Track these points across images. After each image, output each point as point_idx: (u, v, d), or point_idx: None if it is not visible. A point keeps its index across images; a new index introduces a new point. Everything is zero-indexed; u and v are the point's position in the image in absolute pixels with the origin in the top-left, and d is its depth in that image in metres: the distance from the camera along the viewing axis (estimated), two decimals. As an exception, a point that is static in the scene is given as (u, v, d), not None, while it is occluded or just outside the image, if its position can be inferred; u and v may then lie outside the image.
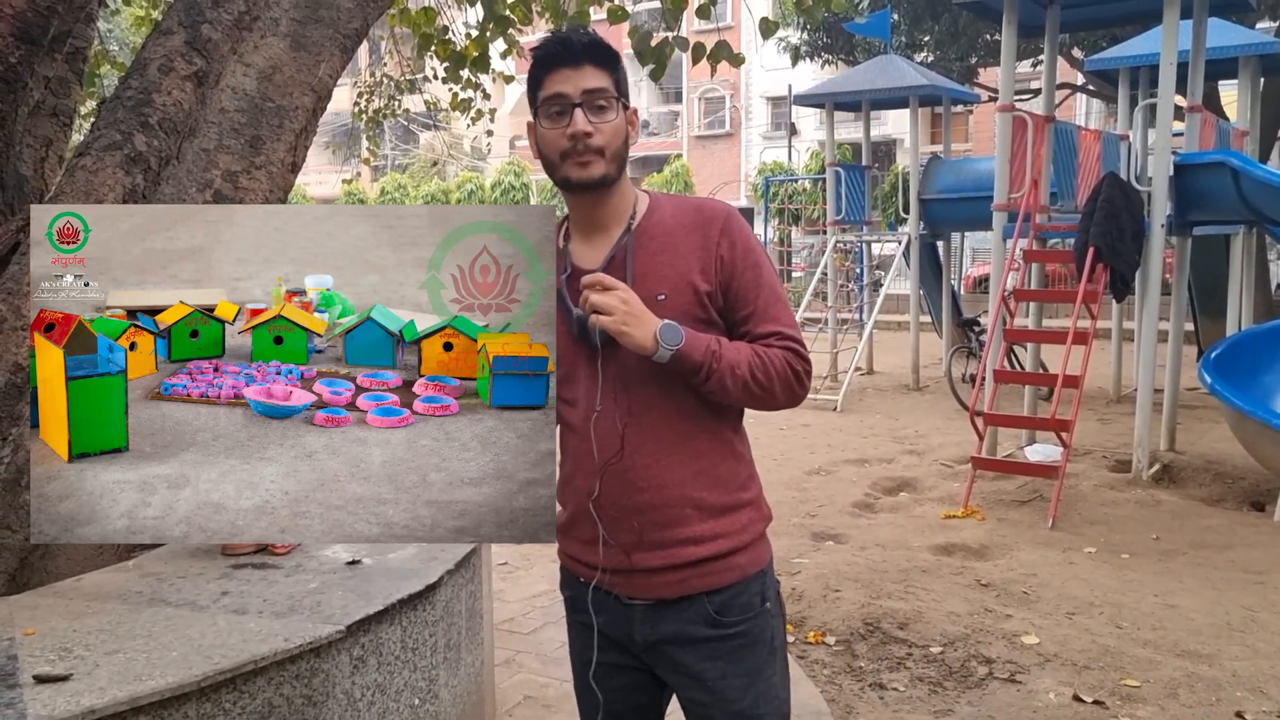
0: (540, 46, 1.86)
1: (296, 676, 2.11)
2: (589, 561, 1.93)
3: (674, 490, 1.86)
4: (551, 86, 1.82)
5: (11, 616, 2.24)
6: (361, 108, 9.71)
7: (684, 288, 1.85)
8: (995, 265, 8.29)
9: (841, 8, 6.38)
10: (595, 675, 1.99)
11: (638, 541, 1.87)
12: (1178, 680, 4.10)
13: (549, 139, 1.84)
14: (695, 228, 1.89)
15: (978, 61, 16.96)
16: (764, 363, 1.83)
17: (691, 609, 1.89)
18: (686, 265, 1.86)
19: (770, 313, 1.88)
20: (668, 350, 1.76)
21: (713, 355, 1.79)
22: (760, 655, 1.93)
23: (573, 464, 1.94)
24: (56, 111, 3.60)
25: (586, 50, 1.82)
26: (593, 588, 1.95)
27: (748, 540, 1.92)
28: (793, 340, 1.87)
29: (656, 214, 1.92)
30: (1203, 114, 9.03)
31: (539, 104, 1.85)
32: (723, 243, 1.87)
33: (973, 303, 17.96)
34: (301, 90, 3.31)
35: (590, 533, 1.91)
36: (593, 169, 1.82)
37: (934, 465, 8.34)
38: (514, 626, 4.63)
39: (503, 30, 6.36)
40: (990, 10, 8.46)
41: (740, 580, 1.91)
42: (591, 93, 1.81)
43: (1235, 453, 7.79)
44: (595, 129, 1.81)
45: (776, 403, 1.87)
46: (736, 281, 1.87)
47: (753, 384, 1.82)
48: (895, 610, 4.90)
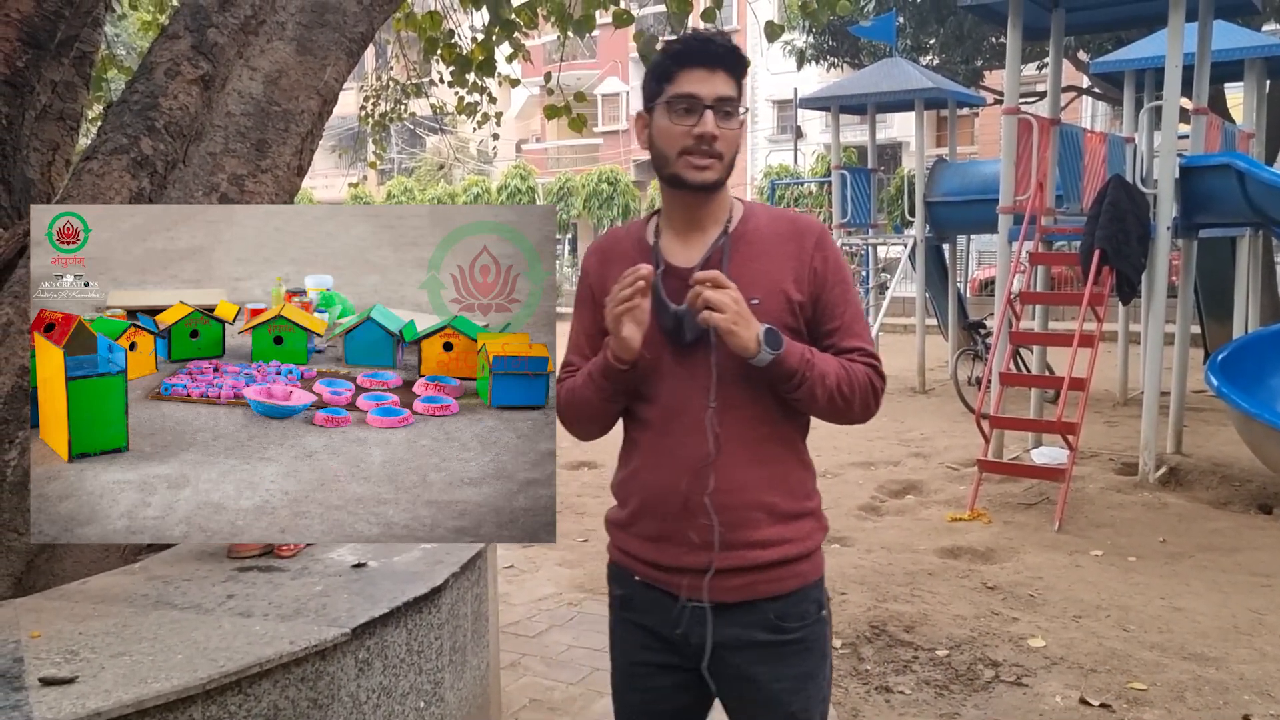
0: (680, 40, 1.88)
1: (302, 679, 2.11)
2: (648, 559, 1.93)
3: (749, 493, 1.87)
4: (685, 84, 1.83)
5: (17, 619, 2.25)
6: (368, 111, 9.72)
7: (777, 295, 1.88)
8: (1001, 268, 8.28)
9: (846, 11, 6.37)
10: (640, 675, 1.99)
11: (705, 542, 1.87)
12: (1185, 683, 4.09)
13: (670, 134, 1.86)
14: (790, 238, 1.93)
15: (983, 64, 16.95)
16: (849, 376, 1.87)
17: (753, 614, 1.89)
18: (780, 273, 1.90)
19: (855, 329, 1.93)
20: (770, 354, 1.78)
21: (806, 363, 1.82)
22: (813, 660, 1.95)
23: (645, 459, 1.92)
24: (63, 116, 3.62)
25: (725, 56, 1.85)
26: (644, 586, 1.95)
27: (810, 549, 1.95)
28: (874, 358, 1.93)
29: (752, 220, 1.95)
30: (1208, 116, 9.01)
31: (667, 98, 1.85)
32: (816, 255, 1.91)
33: (979, 305, 17.92)
34: (307, 94, 3.32)
35: (654, 530, 1.91)
36: (708, 173, 1.86)
37: (940, 468, 8.32)
38: (520, 629, 4.63)
39: (508, 34, 6.37)
40: (995, 13, 8.45)
41: (801, 588, 1.93)
42: (723, 100, 1.83)
43: (1242, 455, 7.76)
44: (721, 133, 1.83)
45: (853, 416, 1.92)
46: (826, 295, 1.91)
47: (838, 395, 1.86)
48: (901, 613, 4.89)
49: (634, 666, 2.00)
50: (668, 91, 1.85)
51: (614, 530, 2.02)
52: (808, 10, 6.57)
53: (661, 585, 1.92)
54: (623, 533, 1.99)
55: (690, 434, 1.86)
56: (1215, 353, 7.81)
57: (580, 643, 4.45)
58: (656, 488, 1.90)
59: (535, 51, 8.15)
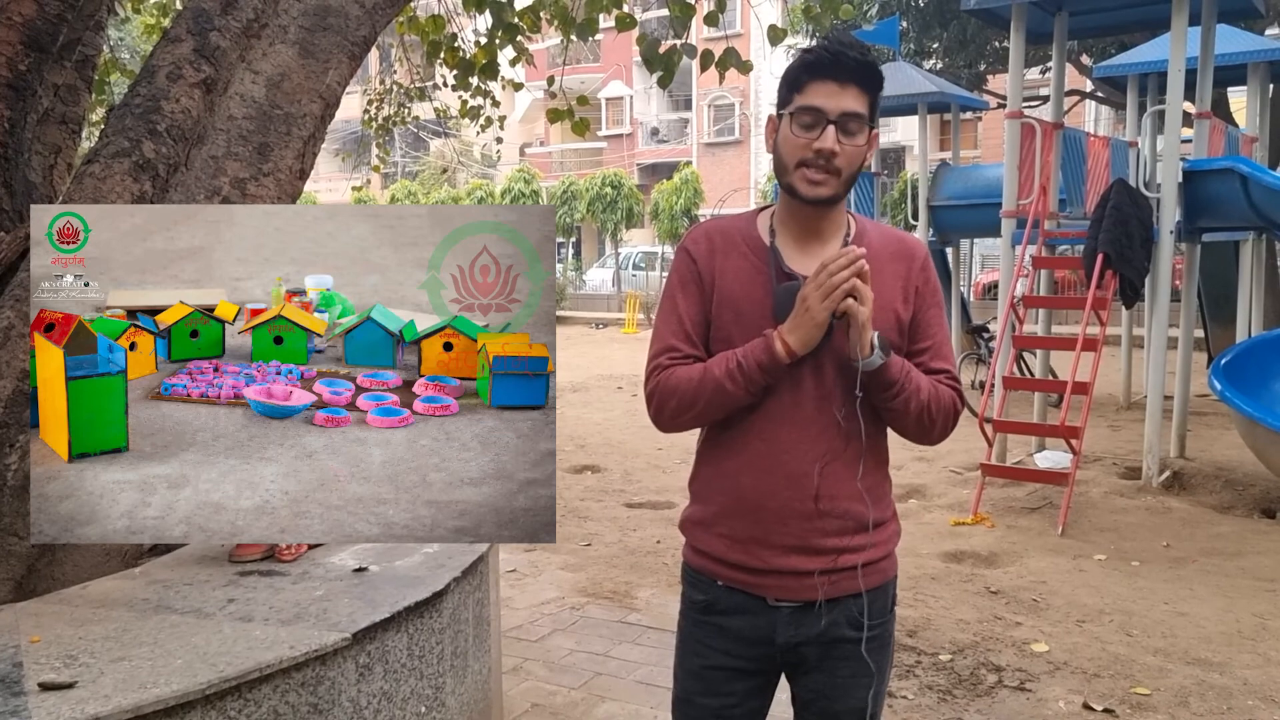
0: (813, 51, 1.86)
1: (302, 684, 2.11)
2: (734, 561, 1.94)
3: (845, 503, 1.90)
4: (812, 97, 1.83)
5: (17, 623, 2.24)
6: (371, 115, 9.72)
7: (886, 310, 1.90)
8: (1004, 272, 8.27)
9: (850, 15, 6.37)
10: (716, 680, 2.00)
11: (798, 546, 1.89)
12: (1188, 688, 4.07)
13: (792, 144, 1.85)
14: (900, 257, 1.96)
15: (986, 68, 16.94)
16: (938, 396, 1.91)
17: (838, 611, 1.93)
18: (891, 290, 1.92)
19: (944, 351, 1.97)
20: (881, 359, 1.81)
21: (906, 374, 1.86)
22: (886, 655, 2.02)
23: (739, 459, 1.92)
24: (65, 119, 3.62)
25: (857, 71, 1.83)
26: (727, 590, 1.96)
27: (891, 550, 2.00)
28: (958, 382, 1.97)
29: (865, 236, 1.97)
30: (1211, 120, 9.00)
31: (793, 108, 1.85)
32: (920, 276, 1.96)
33: (982, 309, 17.91)
34: (310, 97, 3.32)
35: (742, 530, 1.92)
36: (822, 189, 1.85)
37: (943, 472, 8.31)
38: (522, 634, 4.62)
39: (511, 38, 6.37)
40: (998, 17, 8.45)
41: (883, 584, 1.98)
42: (848, 115, 1.82)
43: (1246, 459, 7.75)
44: (842, 150, 1.82)
45: (931, 437, 1.96)
46: (923, 315, 1.96)
47: (925, 413, 1.90)
48: (904, 618, 4.88)
49: (709, 670, 2.01)
50: (795, 101, 1.85)
51: (694, 529, 2.02)
52: (811, 14, 6.57)
53: (748, 588, 1.94)
54: (705, 533, 1.99)
55: (796, 440, 1.88)
56: (1219, 356, 7.79)
57: (582, 647, 4.45)
58: (752, 489, 1.90)
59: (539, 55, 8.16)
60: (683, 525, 2.05)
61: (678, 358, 1.94)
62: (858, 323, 1.78)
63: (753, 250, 1.94)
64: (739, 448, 1.92)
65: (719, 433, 1.96)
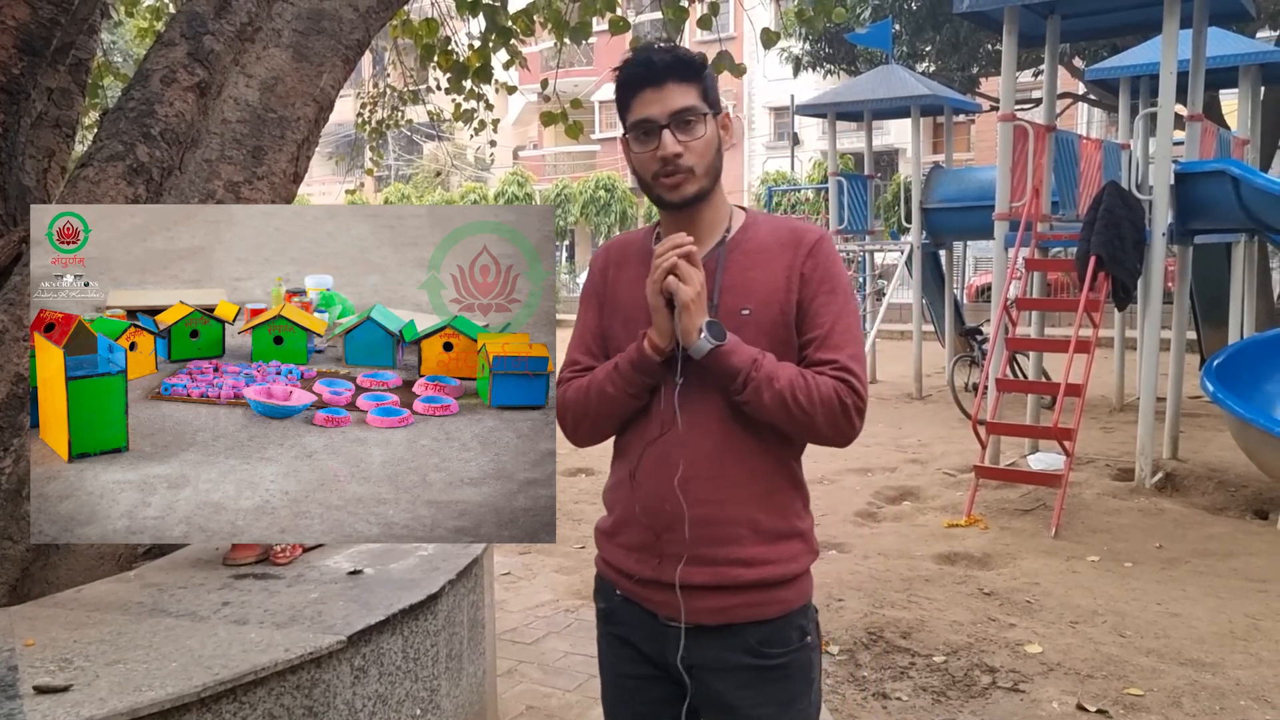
0: (622, 69, 1.84)
1: (297, 687, 2.11)
2: (629, 571, 1.90)
3: (733, 507, 1.82)
4: (638, 110, 1.81)
5: (12, 627, 2.24)
6: (365, 118, 9.72)
7: (770, 305, 1.83)
8: (997, 274, 8.30)
9: (843, 18, 6.39)
10: (628, 689, 1.96)
11: (688, 555, 1.82)
12: (1181, 689, 4.09)
13: (640, 161, 1.84)
14: (788, 247, 1.87)
15: (979, 71, 16.99)
16: (808, 385, 1.76)
17: (732, 638, 1.84)
18: (775, 283, 1.84)
19: (833, 340, 1.82)
20: (709, 344, 1.74)
21: (753, 364, 1.76)
22: (796, 687, 1.89)
23: (633, 467, 1.88)
24: (59, 122, 3.62)
25: (669, 69, 1.80)
26: (625, 600, 1.92)
27: (795, 572, 1.88)
28: (848, 372, 1.79)
29: (751, 230, 1.91)
30: (1203, 123, 9.03)
31: (628, 127, 1.84)
32: (808, 262, 1.85)
33: (975, 312, 17.95)
34: (304, 101, 3.32)
35: (636, 539, 1.88)
36: (684, 188, 1.82)
37: (937, 474, 8.32)
38: (516, 636, 4.62)
39: (505, 41, 6.38)
40: (991, 20, 8.48)
41: (784, 615, 1.86)
42: (678, 113, 1.79)
43: (1238, 461, 7.77)
44: (684, 148, 1.79)
45: (819, 433, 1.80)
46: (810, 302, 1.84)
47: (791, 403, 1.75)
48: (898, 619, 4.89)
49: (621, 679, 1.98)
50: (628, 121, 1.84)
51: (600, 539, 1.99)
52: (804, 17, 6.59)
53: (641, 601, 1.89)
54: (609, 542, 1.96)
55: (677, 445, 1.82)
56: (1211, 358, 7.82)
57: (577, 650, 4.45)
58: (641, 496, 1.86)
59: (532, 58, 8.17)
60: (595, 533, 2.02)
61: (578, 370, 1.95)
62: (679, 301, 1.73)
63: (641, 260, 1.92)
64: (631, 455, 1.89)
65: (619, 440, 1.94)
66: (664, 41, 1.93)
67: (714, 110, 1.84)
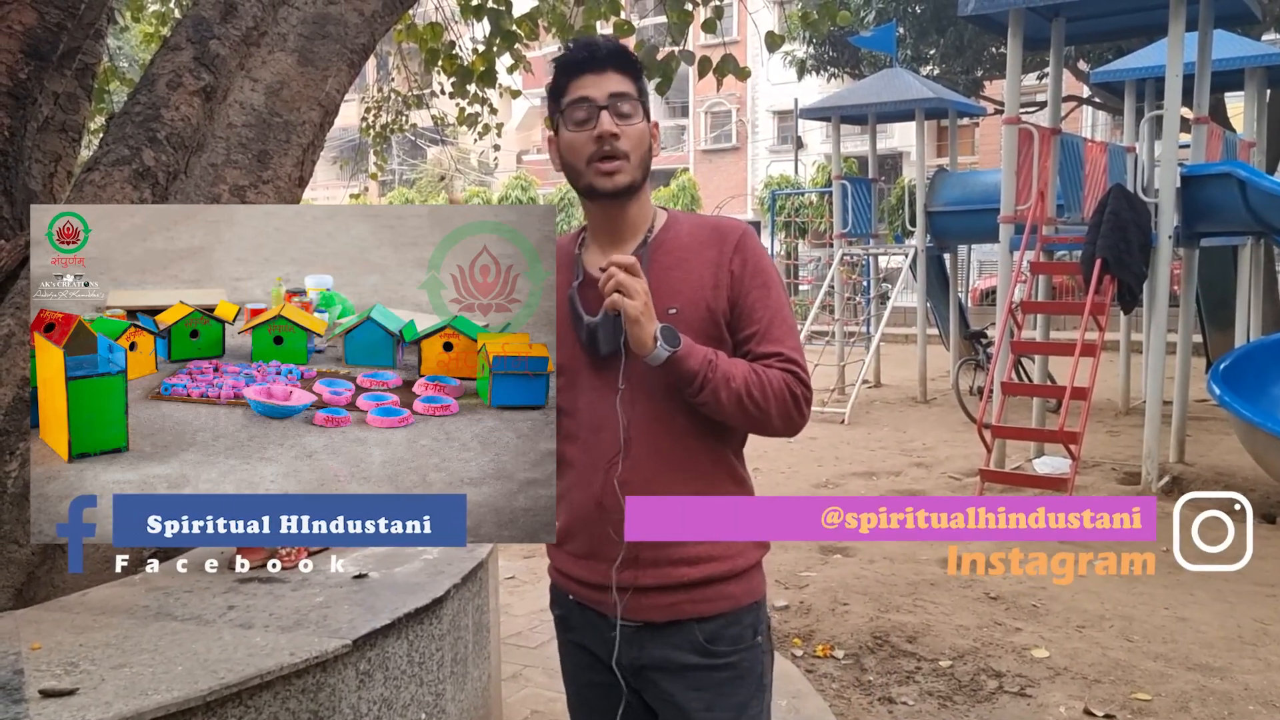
0: (564, 53, 1.85)
1: (302, 691, 2.11)
2: (578, 577, 1.90)
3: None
4: (576, 91, 1.81)
5: (18, 631, 2.24)
6: (369, 122, 9.74)
7: (696, 303, 1.83)
8: (1002, 277, 8.29)
9: (847, 21, 6.39)
10: (588, 697, 1.97)
11: (631, 558, 1.82)
12: (1189, 694, 4.07)
13: (574, 144, 1.83)
14: (711, 244, 1.87)
15: (983, 74, 16.97)
16: (760, 380, 1.78)
17: (680, 635, 1.84)
18: (700, 281, 1.84)
19: (774, 334, 1.83)
20: (665, 351, 1.72)
21: (709, 365, 1.75)
22: (748, 690, 1.88)
23: (571, 475, 1.89)
24: (65, 127, 3.62)
25: (611, 56, 1.82)
26: (578, 606, 1.92)
27: (742, 567, 1.87)
28: (794, 364, 1.82)
29: (673, 229, 1.91)
30: (1209, 125, 9.02)
31: (564, 109, 1.83)
32: (735, 259, 1.85)
33: (980, 315, 17.93)
34: (309, 105, 3.33)
35: (582, 547, 1.88)
36: (619, 177, 1.81)
37: (942, 478, 8.31)
38: (521, 641, 4.62)
39: (509, 45, 6.38)
40: (995, 23, 8.47)
41: (733, 610, 1.86)
42: (617, 96, 1.80)
43: (1245, 464, 7.75)
44: (622, 132, 1.79)
45: (772, 426, 1.83)
46: (744, 299, 1.84)
47: (747, 400, 1.77)
48: (904, 624, 4.87)
49: (582, 689, 1.98)
50: (564, 103, 1.83)
51: (550, 548, 1.99)
52: (808, 21, 6.59)
53: (592, 604, 1.89)
54: (557, 550, 1.96)
55: (611, 448, 1.82)
56: (1217, 361, 7.80)
57: (582, 654, 4.44)
58: (581, 503, 1.86)
59: (536, 63, 8.17)
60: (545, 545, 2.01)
61: None
62: (628, 317, 1.70)
63: (565, 262, 1.94)
64: (569, 461, 1.90)
65: (558, 448, 1.94)
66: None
67: (646, 110, 1.86)
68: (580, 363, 1.87)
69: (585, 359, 1.86)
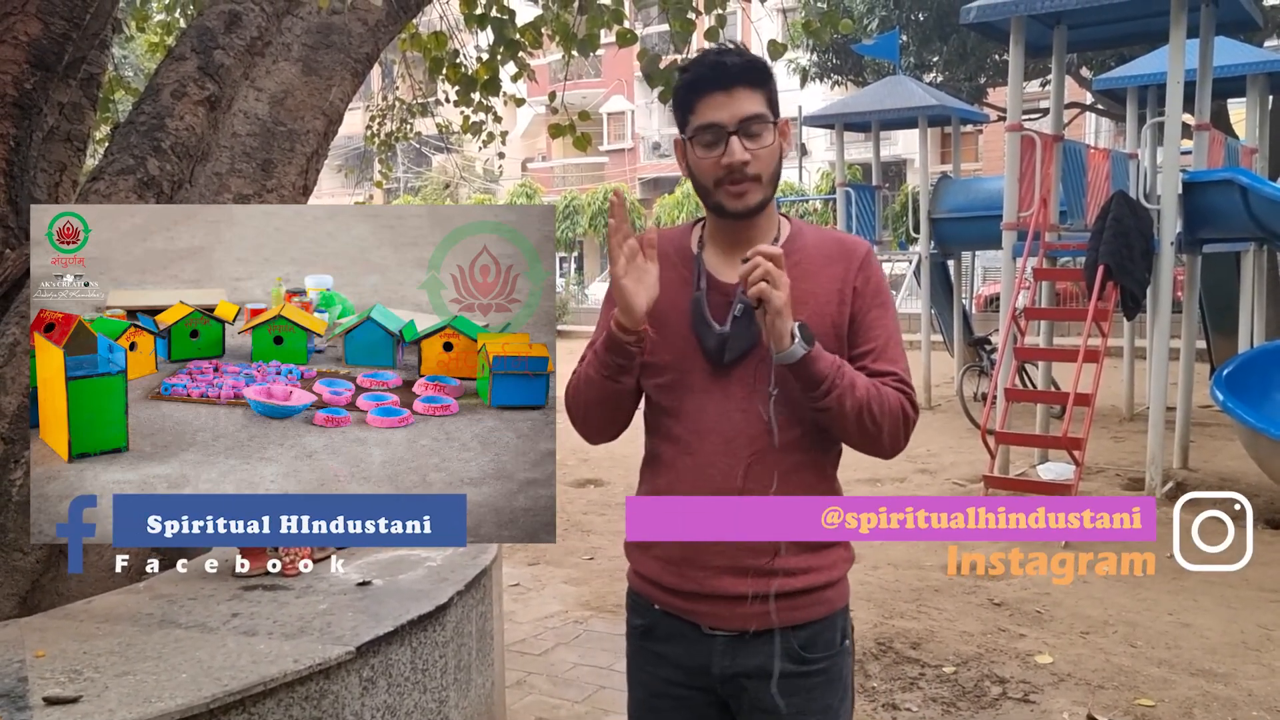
0: (691, 69, 1.81)
1: (306, 698, 2.11)
2: (669, 585, 1.86)
3: None
4: (705, 114, 1.77)
5: (22, 638, 2.25)
6: (373, 131, 9.76)
7: (821, 316, 1.81)
8: (1006, 284, 8.28)
9: (849, 29, 6.40)
10: (660, 709, 1.93)
11: (730, 567, 1.80)
12: (1193, 699, 4.06)
13: (702, 166, 1.79)
14: (836, 259, 1.86)
15: (986, 81, 16.98)
16: (880, 396, 1.77)
17: (778, 642, 1.83)
18: (825, 294, 1.83)
19: (889, 354, 1.83)
20: (802, 349, 1.69)
21: (837, 369, 1.73)
22: (837, 693, 1.89)
23: (669, 477, 1.85)
24: (70, 136, 3.65)
25: (741, 73, 1.77)
26: (665, 615, 1.88)
27: (837, 577, 1.89)
28: (909, 386, 1.82)
29: (799, 240, 1.89)
30: (1211, 132, 9.01)
31: (692, 131, 1.79)
32: (859, 276, 1.85)
33: (984, 321, 17.90)
34: (313, 114, 3.35)
35: (675, 552, 1.84)
36: (749, 198, 1.79)
37: (946, 484, 8.30)
38: (525, 648, 4.62)
39: (513, 54, 6.39)
40: (998, 31, 8.47)
41: (827, 615, 1.87)
42: (747, 120, 1.75)
43: (1249, 470, 7.73)
44: (752, 156, 1.76)
45: (880, 443, 1.80)
46: (864, 316, 1.84)
47: (866, 413, 1.75)
48: (908, 630, 4.87)
49: (654, 699, 1.94)
50: (691, 124, 1.79)
51: (634, 551, 1.95)
52: (811, 29, 6.60)
53: (682, 614, 1.86)
54: (643, 555, 1.92)
55: (719, 455, 1.80)
56: (1221, 367, 7.79)
57: (586, 661, 4.44)
58: None
59: (540, 70, 8.19)
60: (626, 547, 1.98)
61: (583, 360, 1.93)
62: (772, 308, 1.66)
63: (682, 261, 1.89)
64: (668, 462, 1.86)
65: (652, 449, 1.91)
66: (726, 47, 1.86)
67: (777, 117, 1.82)
68: (693, 364, 1.83)
69: (704, 363, 1.83)
